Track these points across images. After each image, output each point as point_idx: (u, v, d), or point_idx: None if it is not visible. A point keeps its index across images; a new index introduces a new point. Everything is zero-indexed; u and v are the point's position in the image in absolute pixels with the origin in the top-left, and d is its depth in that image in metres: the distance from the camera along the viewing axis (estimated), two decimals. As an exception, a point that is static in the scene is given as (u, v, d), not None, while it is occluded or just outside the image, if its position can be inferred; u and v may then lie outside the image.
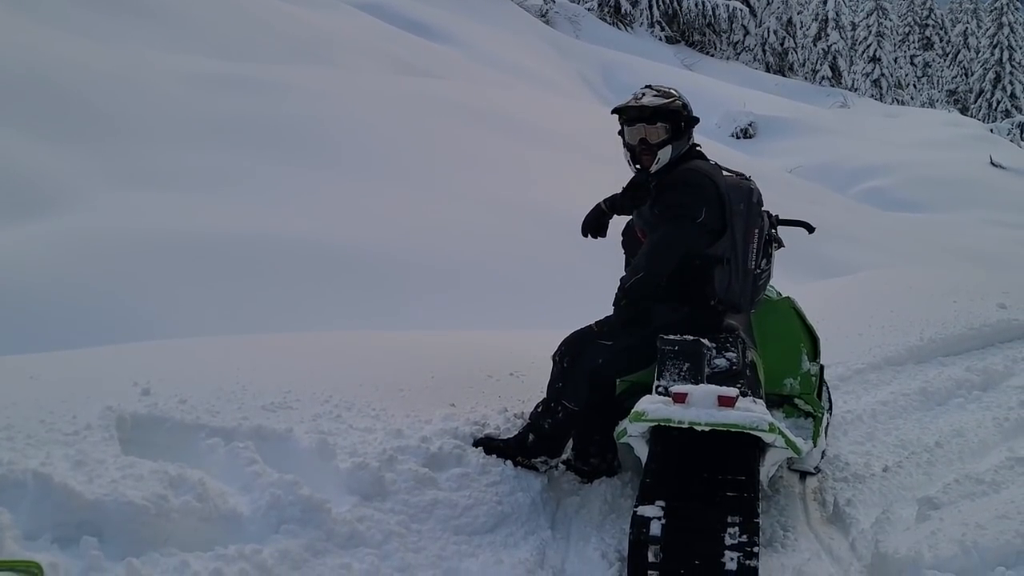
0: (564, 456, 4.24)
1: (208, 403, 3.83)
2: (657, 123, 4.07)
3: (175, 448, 3.52)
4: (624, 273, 4.13)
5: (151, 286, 6.19)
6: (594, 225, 4.53)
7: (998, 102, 44.10)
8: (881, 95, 40.29)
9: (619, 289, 3.95)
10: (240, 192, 8.11)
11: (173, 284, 6.26)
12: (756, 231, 4.20)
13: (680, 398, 3.42)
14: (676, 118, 4.10)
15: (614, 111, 4.19)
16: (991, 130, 30.69)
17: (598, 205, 4.54)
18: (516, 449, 4.06)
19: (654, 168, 4.10)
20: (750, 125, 26.19)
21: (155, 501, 3.07)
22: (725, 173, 4.23)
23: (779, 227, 4.47)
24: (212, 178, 8.27)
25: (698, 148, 4.25)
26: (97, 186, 7.79)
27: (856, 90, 38.72)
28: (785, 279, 7.69)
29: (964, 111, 42.01)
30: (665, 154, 4.08)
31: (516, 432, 4.15)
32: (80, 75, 9.70)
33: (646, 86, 4.24)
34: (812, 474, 4.56)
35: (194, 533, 3.12)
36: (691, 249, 4.00)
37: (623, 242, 4.48)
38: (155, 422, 3.62)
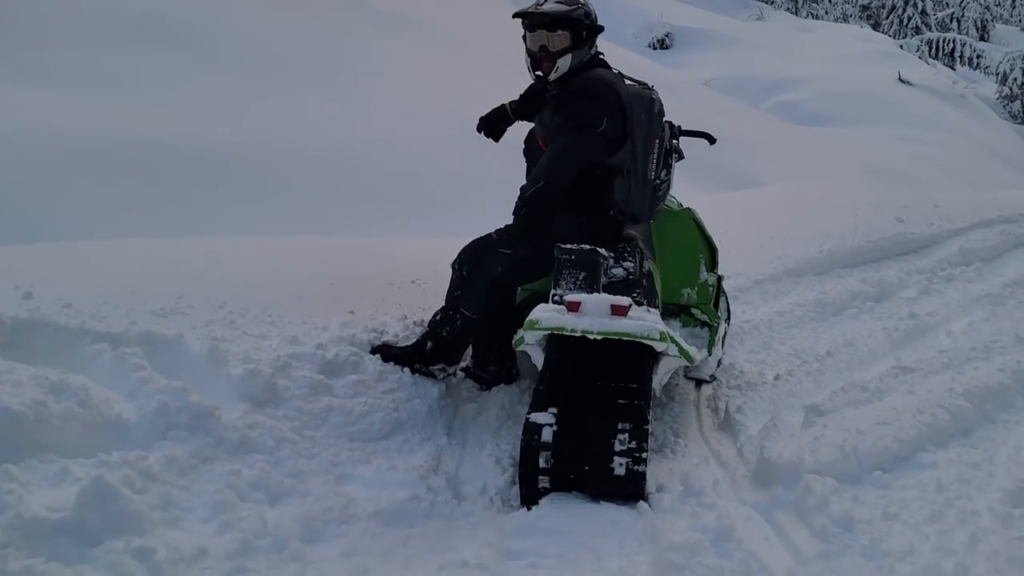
0: (463, 364, 4.26)
1: (94, 308, 3.73)
2: (558, 31, 4.00)
3: (58, 353, 3.43)
4: (525, 182, 4.10)
5: (35, 186, 5.94)
6: (491, 125, 4.45)
7: (909, 18, 44.55)
8: (796, 9, 40.34)
9: (519, 198, 3.91)
10: (135, 93, 7.79)
11: (60, 185, 6.02)
12: (657, 141, 4.17)
13: (573, 307, 3.43)
14: (578, 26, 4.03)
15: (515, 16, 4.11)
16: (901, 47, 31.08)
17: (503, 106, 4.47)
18: (414, 356, 4.05)
19: (553, 76, 4.04)
20: (667, 36, 26.07)
21: (34, 407, 2.99)
22: (628, 82, 4.18)
23: (681, 138, 4.46)
24: (106, 78, 7.92)
25: (601, 56, 4.19)
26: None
27: (772, 3, 38.72)
28: (693, 190, 7.79)
29: (876, 27, 42.40)
30: (565, 63, 4.01)
31: (415, 340, 4.14)
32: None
33: None
34: (708, 382, 4.66)
35: (76, 440, 3.05)
36: (591, 158, 3.98)
37: (524, 151, 4.43)
38: (37, 326, 3.51)
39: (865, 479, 3.53)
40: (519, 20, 4.09)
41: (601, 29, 4.13)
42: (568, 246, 3.78)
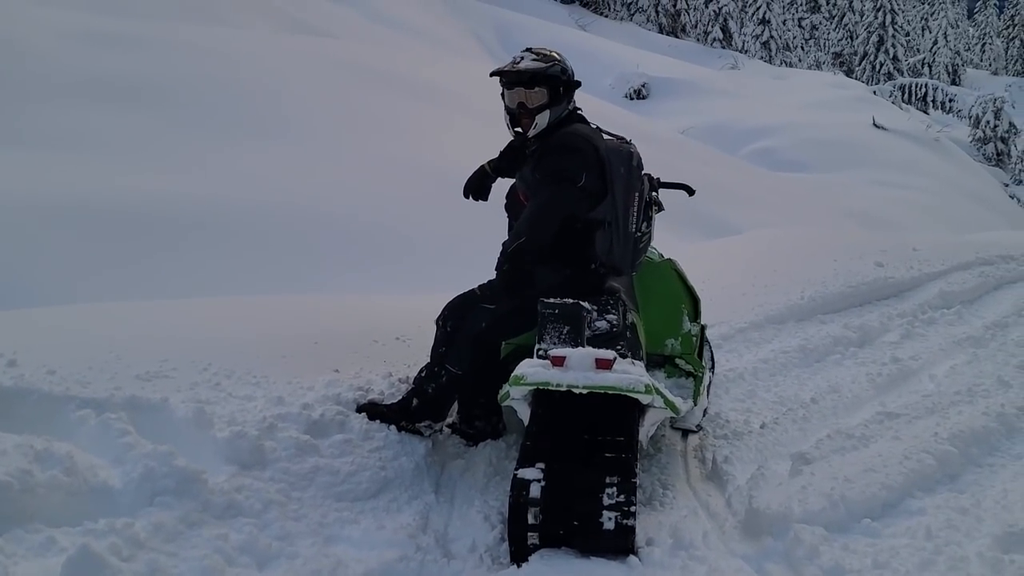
0: (449, 420, 4.25)
1: (78, 373, 3.71)
2: (535, 87, 4.05)
3: (42, 421, 3.41)
4: (507, 238, 4.13)
5: (19, 252, 5.93)
6: (476, 186, 4.49)
7: (881, 64, 45.32)
8: (770, 57, 40.96)
9: (501, 254, 3.93)
10: (119, 153, 7.81)
11: (40, 250, 6.00)
12: (636, 194, 4.22)
13: (558, 361, 3.44)
14: (554, 83, 4.08)
15: (492, 74, 4.17)
16: (874, 92, 31.53)
17: (482, 167, 4.51)
18: (400, 414, 4.04)
19: (532, 132, 4.09)
20: (643, 86, 26.37)
21: (19, 476, 2.97)
22: (606, 137, 4.24)
23: (660, 190, 4.51)
24: (89, 139, 7.94)
25: (579, 112, 4.25)
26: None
27: (746, 52, 39.28)
28: (674, 239, 7.83)
29: (849, 73, 43.06)
30: (543, 119, 4.07)
31: (400, 397, 4.13)
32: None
33: (526, 49, 4.21)
34: (694, 432, 4.66)
35: (62, 508, 3.03)
36: (572, 213, 4.01)
37: (506, 205, 4.47)
38: (21, 394, 3.50)
39: (854, 527, 3.54)
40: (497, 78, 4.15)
41: (578, 84, 4.20)
42: (551, 300, 3.79)
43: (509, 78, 4.09)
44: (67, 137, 7.89)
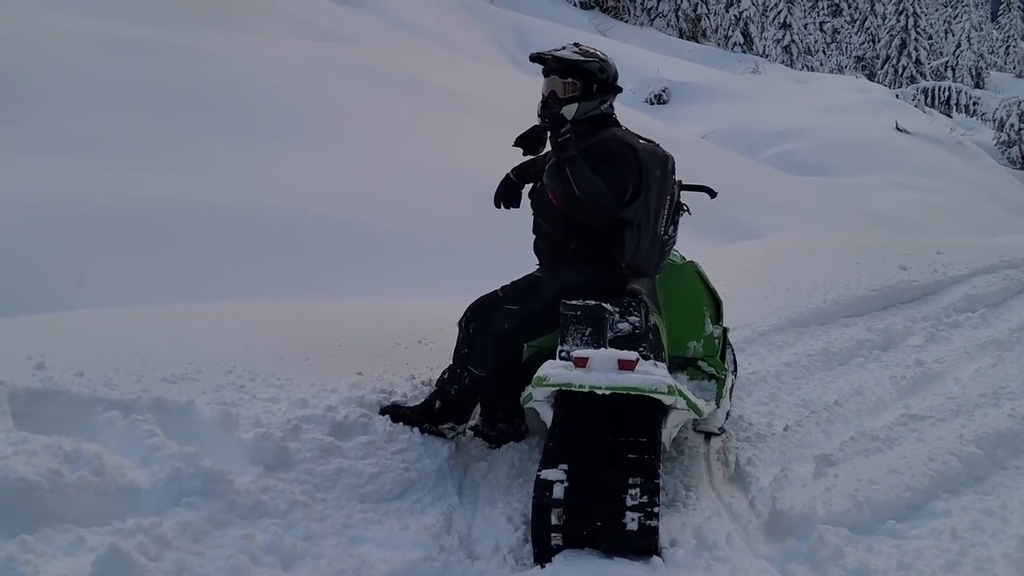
0: (472, 422, 4.27)
1: (106, 376, 3.75)
2: (568, 78, 4.09)
3: (71, 422, 3.45)
4: (533, 232, 4.29)
5: (46, 257, 5.99)
6: (506, 195, 4.53)
7: (904, 68, 45.08)
8: (791, 61, 40.85)
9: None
10: (137, 158, 7.87)
11: (70, 255, 6.06)
12: (668, 197, 4.25)
13: (581, 362, 3.45)
14: (589, 78, 4.11)
15: (531, 57, 4.22)
16: (897, 96, 31.34)
17: (507, 176, 4.54)
18: (423, 416, 4.06)
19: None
20: (664, 91, 26.33)
21: (48, 476, 3.00)
22: (641, 141, 4.26)
23: (682, 192, 4.52)
24: (113, 145, 8.01)
25: (614, 116, 4.27)
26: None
27: (767, 56, 39.20)
28: (694, 242, 7.82)
29: (871, 77, 42.83)
30: (569, 110, 4.08)
31: (423, 399, 4.15)
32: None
33: (574, 43, 4.25)
34: (717, 435, 4.66)
35: (90, 508, 3.06)
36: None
37: (532, 203, 4.44)
38: (50, 396, 3.53)
39: (879, 529, 3.53)
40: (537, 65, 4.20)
41: (619, 90, 4.22)
42: (573, 302, 3.81)
43: (546, 64, 4.14)
44: (86, 142, 7.96)
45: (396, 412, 4.05)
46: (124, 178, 7.30)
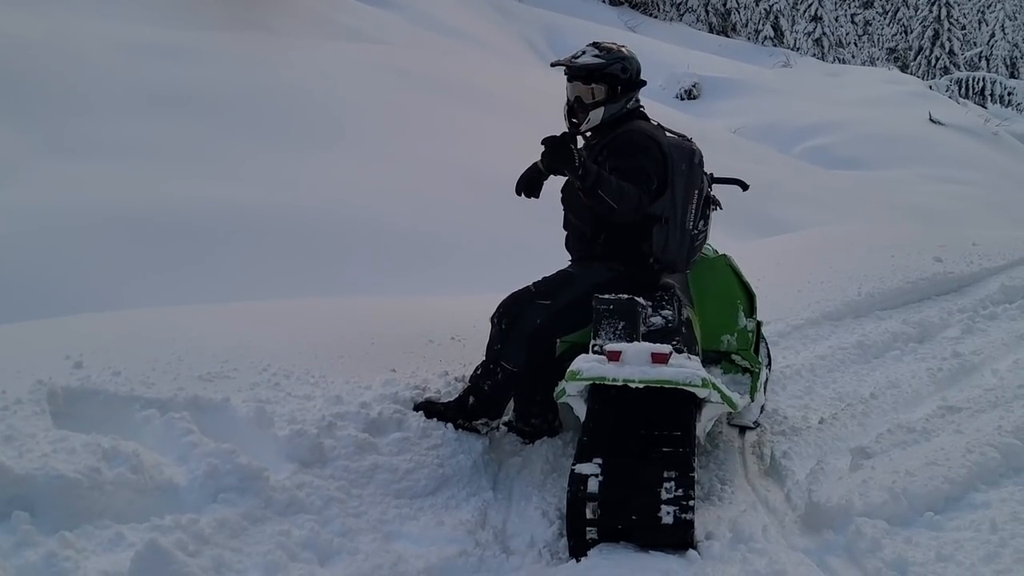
0: (505, 418, 4.27)
1: (143, 374, 3.79)
2: (592, 84, 4.07)
3: (109, 420, 3.49)
4: (563, 227, 4.28)
5: (85, 259, 6.07)
6: (528, 184, 4.46)
7: (937, 59, 44.57)
8: (823, 54, 40.50)
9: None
10: (171, 161, 7.97)
11: (109, 256, 6.14)
12: (696, 192, 4.22)
13: (614, 356, 3.44)
14: (613, 81, 4.09)
15: (553, 64, 4.20)
16: (930, 87, 30.99)
17: (535, 164, 4.50)
18: (457, 412, 4.07)
19: (584, 127, 4.11)
20: (694, 86, 26.21)
21: (88, 474, 3.04)
22: (668, 134, 4.24)
23: (714, 185, 4.50)
24: (142, 148, 8.11)
25: (641, 109, 4.25)
26: (29, 158, 7.61)
27: (798, 49, 38.88)
28: (727, 237, 7.79)
29: (904, 69, 42.38)
30: (596, 115, 4.08)
31: (457, 395, 4.16)
32: (5, 44, 9.45)
33: (591, 43, 4.22)
34: (751, 428, 4.63)
35: (129, 505, 3.09)
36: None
37: (563, 199, 4.42)
38: (88, 395, 3.57)
39: (917, 521, 3.50)
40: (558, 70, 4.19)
41: (642, 84, 4.20)
42: (606, 296, 3.80)
43: (568, 71, 4.12)
44: (121, 146, 8.07)
45: (430, 408, 4.06)
46: (153, 181, 7.40)
